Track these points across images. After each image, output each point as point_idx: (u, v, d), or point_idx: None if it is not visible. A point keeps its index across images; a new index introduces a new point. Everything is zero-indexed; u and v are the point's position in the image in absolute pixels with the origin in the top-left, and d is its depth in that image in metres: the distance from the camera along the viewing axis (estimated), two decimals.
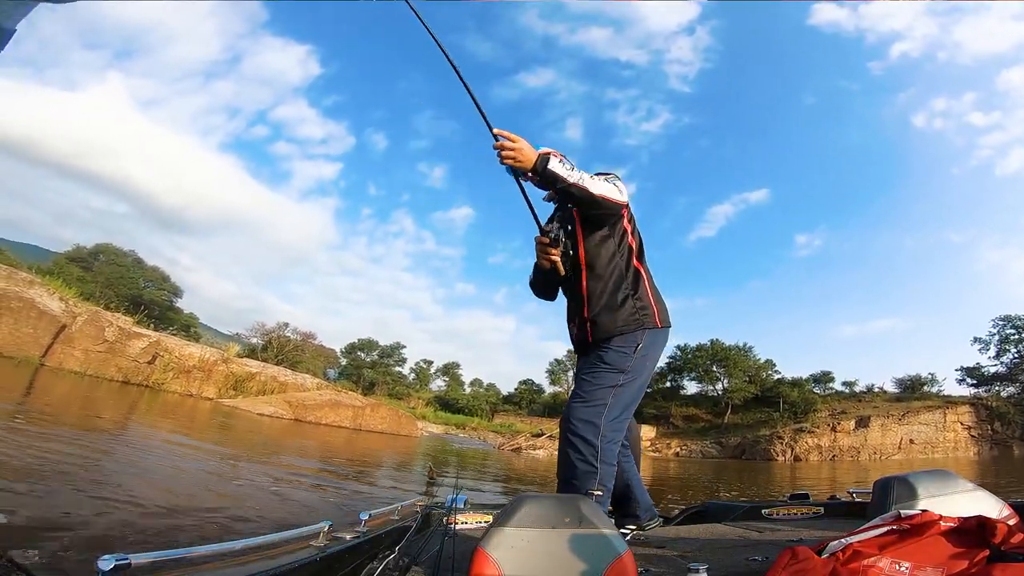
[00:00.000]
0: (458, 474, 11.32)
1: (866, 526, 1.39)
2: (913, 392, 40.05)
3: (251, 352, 32.47)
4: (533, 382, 53.95)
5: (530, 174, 2.01)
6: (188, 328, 38.14)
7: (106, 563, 1.05)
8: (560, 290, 2.50)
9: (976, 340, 40.83)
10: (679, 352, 47.56)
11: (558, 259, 2.25)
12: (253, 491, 6.19)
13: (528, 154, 1.95)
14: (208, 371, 19.75)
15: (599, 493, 2.07)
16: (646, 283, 2.28)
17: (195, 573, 1.37)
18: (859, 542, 1.32)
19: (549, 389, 53.25)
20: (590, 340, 2.26)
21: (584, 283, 2.23)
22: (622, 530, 2.37)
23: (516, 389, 53.42)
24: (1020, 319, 39.14)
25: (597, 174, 2.19)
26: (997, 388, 38.64)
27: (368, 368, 50.35)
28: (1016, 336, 39.30)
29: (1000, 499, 1.67)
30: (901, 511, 1.41)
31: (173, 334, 22.88)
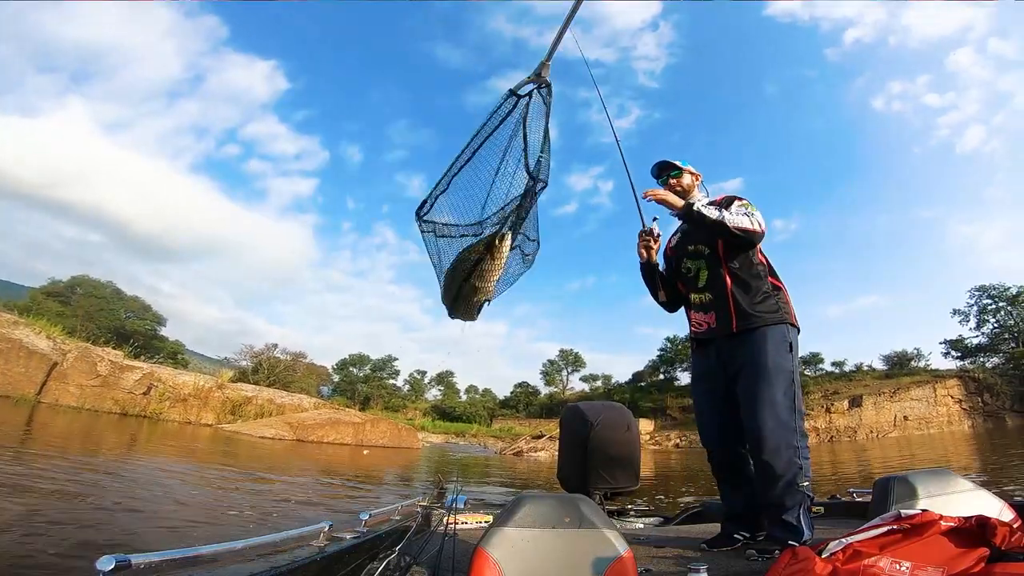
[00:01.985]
0: (458, 476, 11.27)
1: (866, 526, 1.41)
2: (901, 368, 40.72)
3: (242, 375, 32.04)
4: (528, 384, 54.04)
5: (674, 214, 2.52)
6: (175, 355, 37.53)
7: (106, 563, 1.04)
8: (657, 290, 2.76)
9: (956, 312, 41.83)
10: (669, 344, 47.96)
11: (654, 248, 2.67)
12: (257, 501, 6.26)
13: (674, 200, 2.48)
14: (204, 398, 19.53)
15: (806, 484, 2.15)
16: (774, 279, 2.46)
17: (196, 573, 1.37)
18: (859, 542, 1.34)
19: (544, 390, 53.36)
20: (735, 329, 2.36)
21: (728, 282, 2.41)
22: (735, 536, 2.38)
23: (512, 392, 53.45)
24: (995, 288, 40.08)
25: (732, 199, 2.50)
26: (982, 359, 39.45)
27: (361, 383, 50.01)
28: (993, 306, 40.28)
29: (1000, 499, 1.70)
30: (901, 511, 1.42)
31: (159, 363, 22.54)
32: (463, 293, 2.12)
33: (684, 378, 47.78)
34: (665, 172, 2.73)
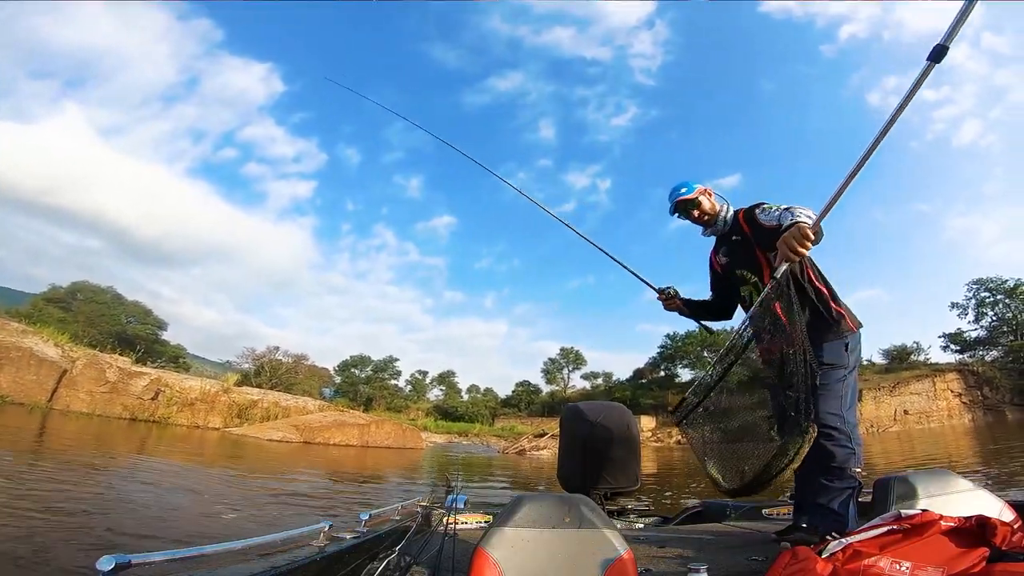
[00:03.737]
0: (458, 476, 11.40)
1: (866, 526, 1.42)
2: (901, 362, 40.68)
3: (244, 378, 32.22)
4: (530, 383, 53.98)
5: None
6: (177, 359, 37.69)
7: (106, 563, 1.05)
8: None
9: (954, 306, 41.84)
10: (669, 341, 47.97)
11: (678, 307, 2.89)
12: (264, 501, 6.44)
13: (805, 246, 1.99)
14: (211, 402, 19.75)
15: (859, 470, 2.14)
16: (830, 294, 2.42)
17: (196, 573, 1.38)
18: (859, 542, 1.34)
19: (546, 388, 53.41)
20: None
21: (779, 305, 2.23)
22: (803, 524, 2.30)
23: (513, 391, 53.42)
24: (992, 281, 40.08)
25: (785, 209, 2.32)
26: (981, 353, 39.37)
27: (363, 384, 50.03)
28: (991, 299, 40.34)
29: (1000, 499, 1.70)
30: (901, 511, 1.43)
31: (161, 367, 22.80)
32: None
33: (684, 375, 47.91)
34: (681, 209, 2.71)
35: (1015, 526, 1.32)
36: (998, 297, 39.96)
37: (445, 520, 2.42)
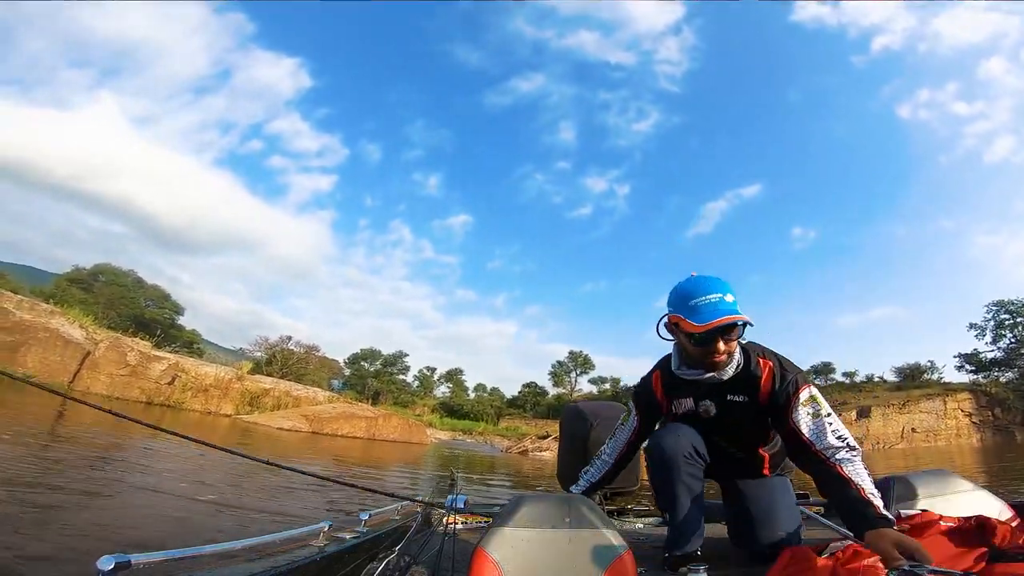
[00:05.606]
0: (458, 476, 11.39)
1: None
2: (913, 380, 40.19)
3: (256, 366, 32.74)
4: (536, 384, 53.92)
5: None
6: (191, 344, 38.27)
7: (106, 563, 1.05)
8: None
9: (972, 326, 41.08)
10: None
11: None
12: (264, 496, 6.53)
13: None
14: (225, 389, 20.21)
15: None
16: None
17: (196, 573, 1.38)
18: (859, 542, 1.31)
19: (552, 391, 53.36)
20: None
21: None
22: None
23: (520, 392, 53.44)
24: (1014, 304, 39.29)
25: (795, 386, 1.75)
26: (996, 374, 38.59)
27: (372, 377, 50.38)
28: (1011, 321, 39.59)
29: (1000, 499, 1.67)
30: (901, 511, 1.43)
31: (176, 351, 23.31)
32: None
33: None
34: (717, 333, 1.69)
35: (1015, 526, 1.32)
36: (1018, 320, 39.27)
37: (445, 520, 2.39)
